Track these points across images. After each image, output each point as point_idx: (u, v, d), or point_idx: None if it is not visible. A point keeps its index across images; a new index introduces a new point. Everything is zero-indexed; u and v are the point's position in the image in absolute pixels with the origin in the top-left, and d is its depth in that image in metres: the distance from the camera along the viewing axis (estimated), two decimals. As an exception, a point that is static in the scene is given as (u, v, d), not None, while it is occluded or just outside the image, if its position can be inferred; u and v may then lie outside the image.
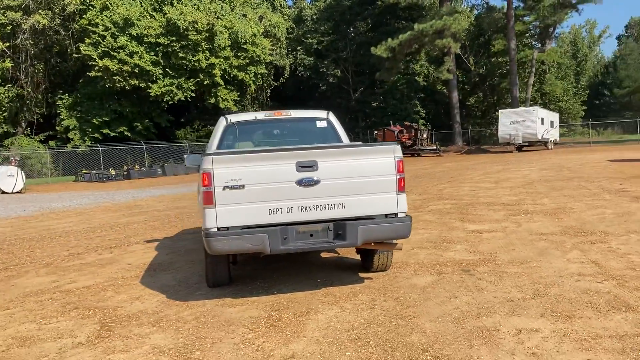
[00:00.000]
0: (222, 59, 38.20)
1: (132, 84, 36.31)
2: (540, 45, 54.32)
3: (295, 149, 5.09)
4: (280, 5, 49.98)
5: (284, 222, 4.81)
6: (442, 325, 4.12)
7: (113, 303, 5.35)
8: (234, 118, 6.89)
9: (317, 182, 4.83)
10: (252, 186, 4.75)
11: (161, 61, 36.87)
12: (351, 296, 5.04)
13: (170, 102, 38.07)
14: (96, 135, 38.60)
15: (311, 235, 4.93)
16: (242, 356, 3.79)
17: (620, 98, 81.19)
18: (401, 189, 5.01)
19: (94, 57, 35.48)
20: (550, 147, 37.18)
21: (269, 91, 47.77)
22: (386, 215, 5.00)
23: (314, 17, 49.08)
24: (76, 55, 38.24)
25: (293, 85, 49.52)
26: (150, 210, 14.03)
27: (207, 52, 37.24)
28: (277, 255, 6.37)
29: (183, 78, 37.51)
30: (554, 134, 38.98)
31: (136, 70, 35.96)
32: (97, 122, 38.45)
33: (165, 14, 36.24)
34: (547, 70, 58.57)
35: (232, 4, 41.14)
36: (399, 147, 5.13)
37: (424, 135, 39.08)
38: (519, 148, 36.62)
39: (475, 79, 58.71)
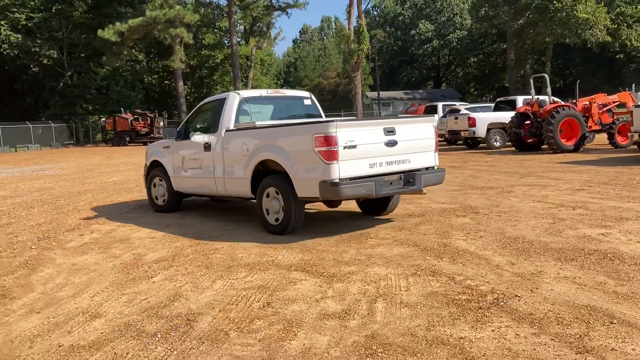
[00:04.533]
0: None
1: None
2: (245, 42, 58.88)
3: (381, 118, 6.73)
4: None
5: (377, 174, 6.30)
6: (535, 232, 5.99)
7: (255, 260, 5.64)
8: (244, 94, 7.92)
9: (396, 142, 6.44)
10: (360, 146, 6.11)
11: None
12: (416, 226, 6.49)
13: None
14: None
15: (390, 183, 6.48)
16: (471, 259, 5.01)
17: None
18: (436, 149, 7.04)
19: None
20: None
21: (-35, 70, 40.75)
22: (427, 168, 6.92)
23: (19, -11, 43.52)
24: None
25: (-5, 65, 43.15)
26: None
27: None
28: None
29: None
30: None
31: None
32: None
33: None
34: (252, 66, 63.58)
35: None
36: (436, 117, 7.23)
37: (161, 124, 38.93)
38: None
39: (185, 70, 60.15)
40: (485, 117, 19.31)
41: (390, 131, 6.39)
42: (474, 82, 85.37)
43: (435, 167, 7.06)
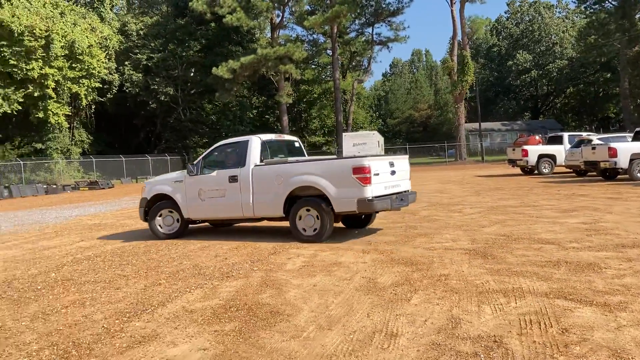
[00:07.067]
0: (56, 69, 34.43)
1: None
2: (342, 77, 60.01)
3: (387, 155, 9.88)
4: (110, 17, 46.67)
5: (388, 194, 8.80)
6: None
7: (500, 287, 5.60)
8: (263, 137, 9.91)
9: (395, 172, 9.12)
10: (380, 174, 8.64)
11: (-17, 67, 31.87)
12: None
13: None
14: None
15: (392, 201, 8.74)
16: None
17: (392, 127, 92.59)
18: (409, 178, 9.78)
19: None
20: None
21: (93, 107, 44.10)
22: (404, 191, 9.44)
23: (141, 32, 46.92)
24: None
25: (118, 102, 46.45)
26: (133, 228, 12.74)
27: (40, 60, 33.25)
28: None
29: (12, 88, 32.79)
30: (382, 156, 43.56)
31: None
32: None
33: (-8, 14, 31.51)
34: (349, 99, 64.74)
35: (61, 10, 37.35)
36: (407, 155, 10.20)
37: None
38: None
39: (287, 104, 62.08)
40: (628, 147, 18.36)
41: (392, 164, 9.06)
42: (571, 112, 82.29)
43: (410, 190, 9.77)
